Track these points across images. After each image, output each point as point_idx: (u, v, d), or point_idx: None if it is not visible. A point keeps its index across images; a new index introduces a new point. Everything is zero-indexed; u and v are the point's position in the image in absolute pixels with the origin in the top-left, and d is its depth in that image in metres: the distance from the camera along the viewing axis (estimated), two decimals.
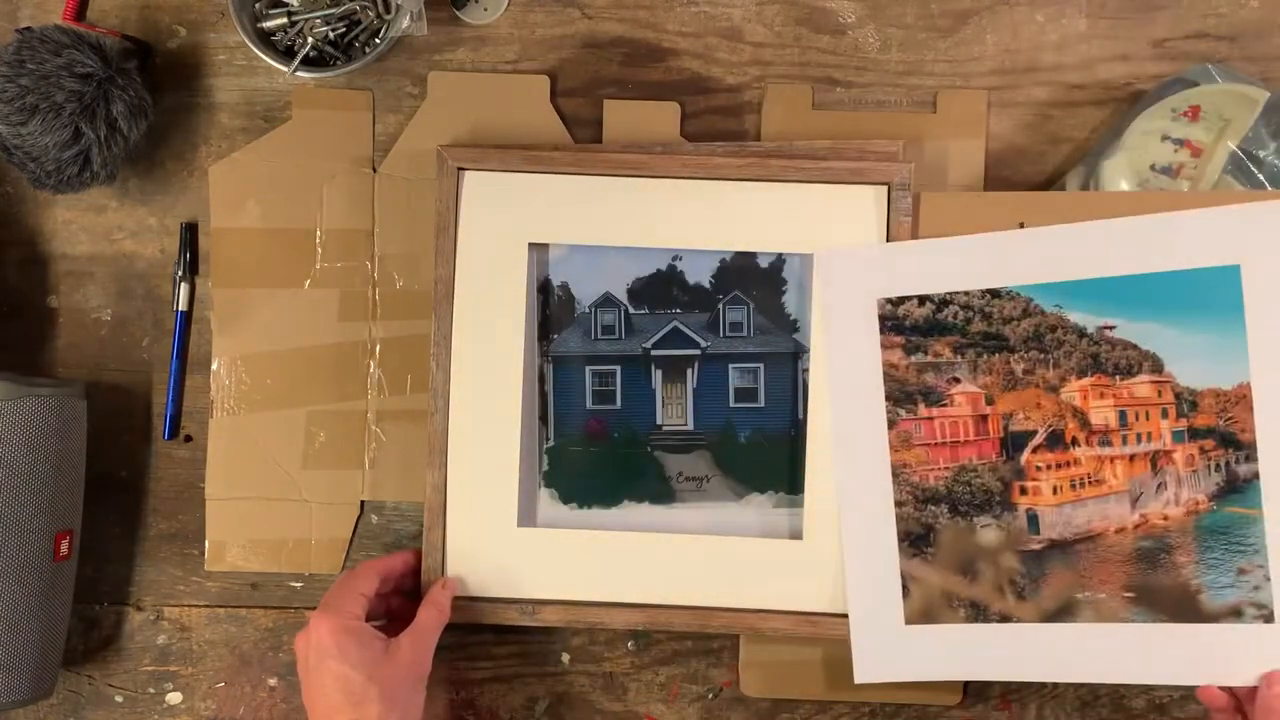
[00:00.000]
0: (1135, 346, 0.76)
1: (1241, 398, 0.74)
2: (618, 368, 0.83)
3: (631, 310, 0.83)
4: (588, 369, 0.83)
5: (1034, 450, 0.77)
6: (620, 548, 0.82)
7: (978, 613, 0.77)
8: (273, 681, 0.85)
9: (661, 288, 0.83)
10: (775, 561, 0.81)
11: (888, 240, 0.80)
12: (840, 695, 0.84)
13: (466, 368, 0.81)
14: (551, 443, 0.84)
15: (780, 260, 0.82)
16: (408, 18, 0.81)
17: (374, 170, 0.85)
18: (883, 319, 0.78)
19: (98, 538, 0.85)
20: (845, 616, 0.79)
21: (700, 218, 0.81)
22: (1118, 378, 0.76)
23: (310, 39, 0.82)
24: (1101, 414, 0.77)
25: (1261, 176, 0.79)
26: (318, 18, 0.82)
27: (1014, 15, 0.85)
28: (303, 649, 0.73)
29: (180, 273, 0.85)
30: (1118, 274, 0.76)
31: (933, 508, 0.78)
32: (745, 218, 0.81)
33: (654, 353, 0.83)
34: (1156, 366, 0.76)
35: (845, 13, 0.85)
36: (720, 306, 0.83)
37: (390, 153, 0.85)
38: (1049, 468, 0.77)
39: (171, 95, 0.85)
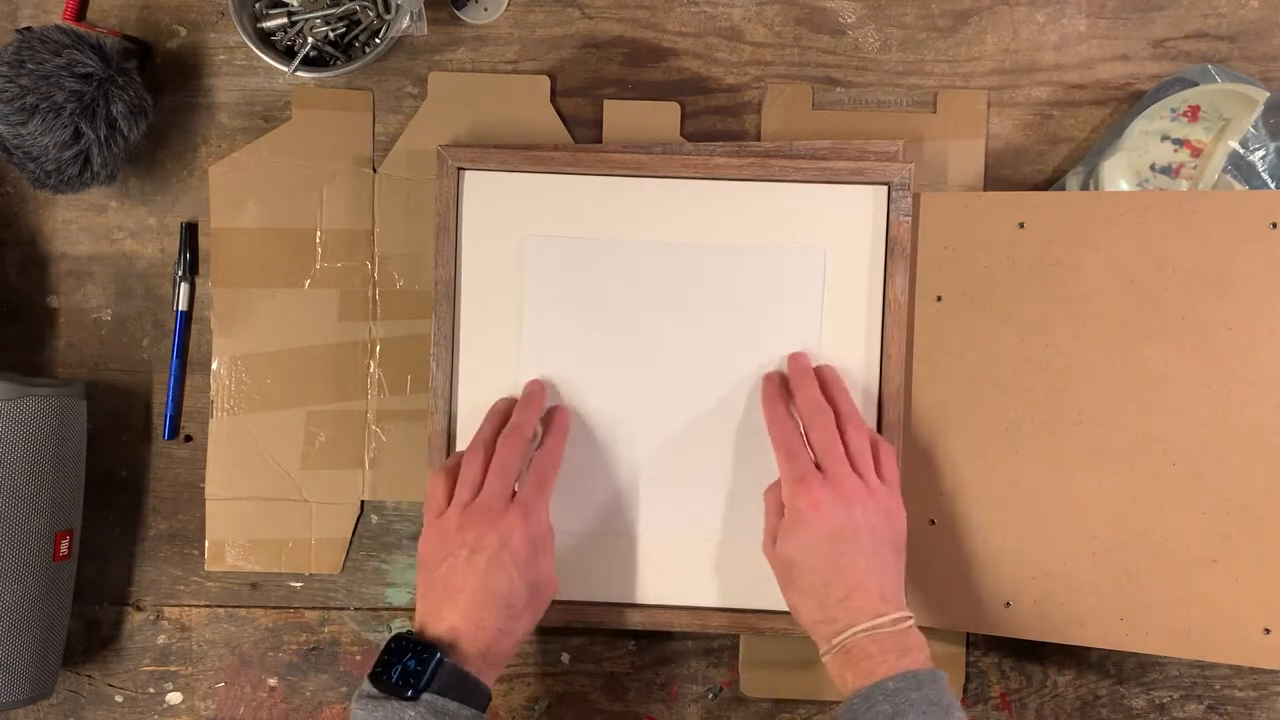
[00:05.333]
0: None
1: None
2: None
3: None
4: None
5: None
6: (620, 547, 0.82)
7: None
8: (273, 681, 0.85)
9: None
10: None
11: (885, 241, 0.80)
12: (840, 695, 0.84)
13: (468, 367, 0.82)
14: None
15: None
16: (408, 18, 0.81)
17: (374, 170, 0.85)
18: None
19: (98, 538, 0.85)
20: None
21: (700, 218, 0.81)
22: None
23: (310, 39, 0.82)
24: None
25: (1265, 175, 0.79)
26: (318, 18, 0.82)
27: (1014, 15, 0.85)
28: (487, 537, 0.70)
29: (180, 273, 0.85)
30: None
31: None
32: (745, 218, 0.81)
33: None
34: None
35: (845, 13, 0.85)
36: None
37: (390, 153, 0.85)
38: None
39: (171, 95, 0.85)
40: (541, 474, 0.75)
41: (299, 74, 0.81)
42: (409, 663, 0.67)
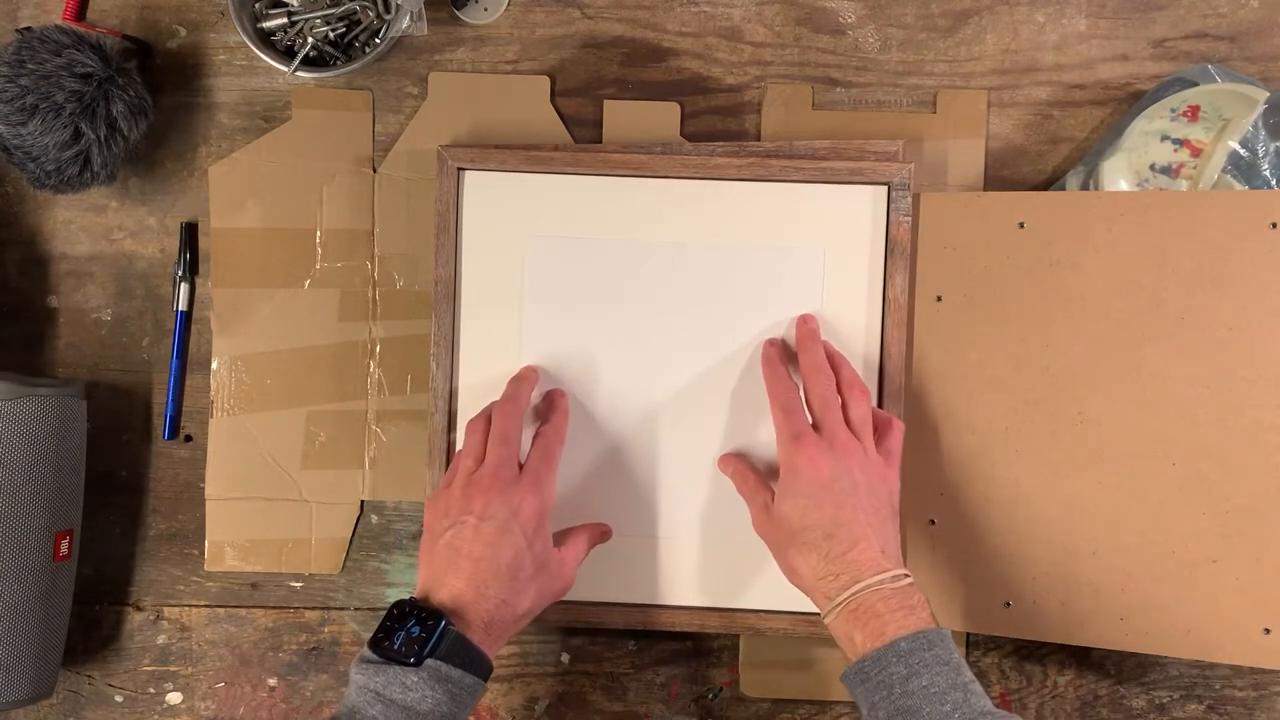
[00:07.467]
0: None
1: None
2: None
3: None
4: None
5: None
6: (620, 547, 0.82)
7: None
8: (273, 681, 0.85)
9: None
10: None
11: (885, 241, 0.80)
12: (840, 695, 0.84)
13: (469, 368, 0.82)
14: None
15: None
16: (408, 18, 0.81)
17: (374, 170, 0.85)
18: None
19: (98, 538, 0.85)
20: None
21: (700, 218, 0.81)
22: None
23: (310, 39, 0.82)
24: None
25: (1266, 173, 0.79)
26: (318, 18, 0.82)
27: (1014, 15, 0.85)
28: (495, 506, 0.70)
29: (180, 273, 0.85)
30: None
31: None
32: (745, 218, 0.81)
33: None
34: None
35: (845, 13, 0.85)
36: None
37: (390, 153, 0.85)
38: None
39: (171, 95, 0.85)
40: (547, 447, 0.75)
41: (299, 74, 0.81)
42: (412, 629, 0.66)
